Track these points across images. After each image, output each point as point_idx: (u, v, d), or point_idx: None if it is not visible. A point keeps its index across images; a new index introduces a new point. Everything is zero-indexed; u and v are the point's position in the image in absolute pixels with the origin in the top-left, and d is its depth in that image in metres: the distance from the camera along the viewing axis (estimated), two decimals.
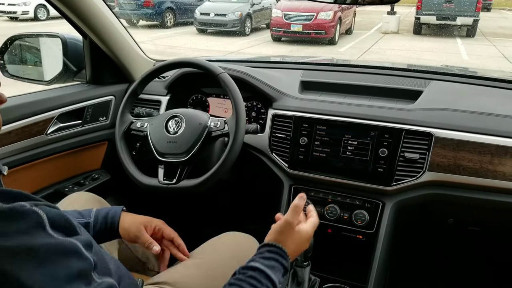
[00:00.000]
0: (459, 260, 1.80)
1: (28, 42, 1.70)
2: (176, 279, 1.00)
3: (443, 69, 1.84)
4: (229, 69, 1.43)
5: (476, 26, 11.16)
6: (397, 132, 1.27)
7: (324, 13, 9.73)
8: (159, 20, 12.11)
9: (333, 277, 1.40)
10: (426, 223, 1.56)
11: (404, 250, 1.71)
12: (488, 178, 1.21)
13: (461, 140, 1.22)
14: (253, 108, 1.59)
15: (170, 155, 1.26)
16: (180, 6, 12.63)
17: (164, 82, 1.64)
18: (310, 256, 1.09)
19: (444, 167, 1.24)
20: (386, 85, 1.48)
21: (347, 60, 4.18)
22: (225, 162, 1.22)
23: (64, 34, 1.56)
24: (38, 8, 12.34)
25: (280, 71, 1.64)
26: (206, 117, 1.30)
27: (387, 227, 1.28)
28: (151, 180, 1.28)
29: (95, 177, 1.58)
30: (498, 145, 1.20)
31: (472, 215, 1.39)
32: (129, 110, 1.39)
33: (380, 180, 1.29)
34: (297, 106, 1.42)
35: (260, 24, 12.17)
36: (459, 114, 1.28)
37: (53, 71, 1.58)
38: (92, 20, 1.41)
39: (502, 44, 10.23)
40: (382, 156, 1.28)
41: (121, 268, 0.84)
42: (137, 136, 1.35)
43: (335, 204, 1.35)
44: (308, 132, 1.37)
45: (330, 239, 1.38)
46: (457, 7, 10.99)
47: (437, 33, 11.77)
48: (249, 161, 1.46)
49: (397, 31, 11.89)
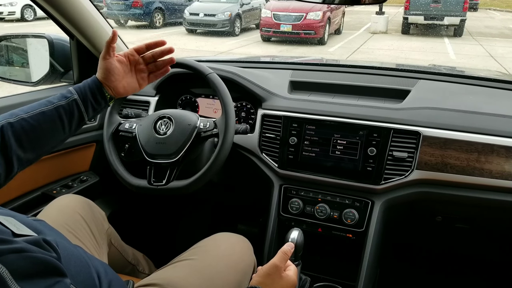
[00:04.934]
0: (448, 257, 1.82)
1: (14, 43, 1.68)
2: (167, 280, 0.99)
3: (430, 68, 1.86)
4: (218, 69, 1.43)
5: (463, 25, 11.31)
6: (386, 131, 1.28)
7: (313, 13, 9.77)
8: (148, 20, 12.04)
9: (324, 276, 1.41)
10: (414, 221, 1.58)
11: (394, 248, 1.72)
12: (475, 176, 1.22)
13: (448, 139, 1.24)
14: (242, 108, 1.59)
15: (159, 156, 1.25)
16: (169, 6, 12.57)
17: (153, 82, 1.63)
18: (300, 255, 1.09)
19: (432, 166, 1.25)
20: (374, 85, 1.49)
21: (336, 60, 4.20)
22: (214, 162, 1.22)
23: (51, 35, 1.54)
24: (24, 9, 12.19)
25: (269, 71, 1.64)
26: (195, 117, 1.30)
27: (376, 226, 1.29)
28: (140, 182, 1.27)
29: (84, 179, 1.56)
30: (484, 143, 1.21)
31: (460, 213, 1.41)
32: (117, 111, 1.38)
33: (369, 179, 1.30)
34: (287, 106, 1.42)
35: (250, 24, 12.17)
36: (446, 113, 1.30)
37: (40, 72, 1.57)
38: (79, 21, 1.39)
39: (488, 43, 10.38)
40: (371, 155, 1.29)
41: (109, 273, 0.83)
42: (125, 137, 1.34)
43: (325, 204, 1.35)
44: (297, 132, 1.37)
45: (320, 238, 1.38)
46: (444, 7, 11.12)
47: (425, 32, 11.89)
48: (239, 162, 1.46)
49: (385, 31, 11.99)
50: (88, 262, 0.77)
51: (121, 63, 1.05)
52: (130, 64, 1.07)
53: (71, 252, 0.73)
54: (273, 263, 0.89)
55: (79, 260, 0.74)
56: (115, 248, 1.27)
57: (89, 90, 1.01)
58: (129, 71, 1.07)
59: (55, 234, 0.78)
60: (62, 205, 1.15)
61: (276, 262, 0.89)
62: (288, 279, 0.90)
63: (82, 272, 0.72)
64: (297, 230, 1.09)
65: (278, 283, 0.88)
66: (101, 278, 0.78)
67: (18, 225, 0.61)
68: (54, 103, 0.95)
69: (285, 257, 0.92)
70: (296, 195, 1.39)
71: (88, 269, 0.75)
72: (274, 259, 0.90)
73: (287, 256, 0.92)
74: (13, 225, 0.59)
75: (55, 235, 0.73)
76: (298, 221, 1.38)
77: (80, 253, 0.78)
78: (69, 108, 0.96)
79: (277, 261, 0.90)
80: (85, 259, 0.77)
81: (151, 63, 1.10)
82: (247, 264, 1.13)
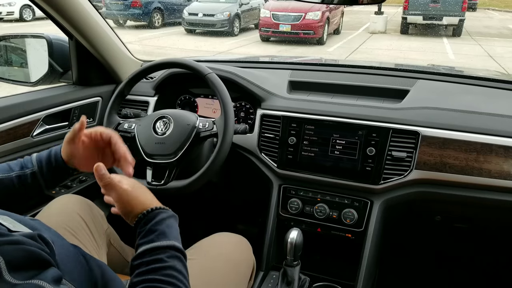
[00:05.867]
0: (447, 257, 1.82)
1: (13, 43, 1.68)
2: None
3: (429, 68, 1.86)
4: (217, 69, 1.43)
5: (462, 25, 11.31)
6: (384, 131, 1.28)
7: (312, 13, 9.76)
8: (147, 20, 12.02)
9: (323, 276, 1.41)
10: (413, 220, 1.58)
11: (393, 248, 1.72)
12: (474, 176, 1.22)
13: (447, 138, 1.24)
14: (241, 108, 1.59)
15: (158, 156, 1.25)
16: (168, 6, 12.55)
17: (152, 82, 1.63)
18: (300, 255, 1.09)
19: (431, 165, 1.25)
20: (373, 85, 1.49)
21: (335, 60, 4.21)
22: (214, 162, 1.22)
23: (49, 35, 1.54)
24: (23, 9, 12.16)
25: (268, 71, 1.64)
26: (194, 117, 1.30)
27: (375, 225, 1.29)
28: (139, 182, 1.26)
29: (83, 179, 1.56)
30: (483, 143, 1.21)
31: (459, 212, 1.41)
32: (116, 111, 1.38)
33: (368, 179, 1.30)
34: (286, 106, 1.42)
35: (249, 24, 12.16)
36: (445, 113, 1.30)
37: (38, 72, 1.56)
38: (78, 21, 1.39)
39: (487, 43, 10.38)
40: (370, 155, 1.29)
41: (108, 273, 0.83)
42: (124, 138, 1.33)
43: (324, 203, 1.35)
44: (296, 132, 1.37)
45: (320, 238, 1.39)
46: (443, 7, 11.12)
47: (424, 32, 11.89)
48: (238, 162, 1.46)
49: (384, 31, 11.99)
50: (86, 262, 0.77)
51: (86, 149, 0.97)
52: (97, 146, 0.98)
53: (68, 252, 0.73)
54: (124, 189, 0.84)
55: (76, 260, 0.74)
56: (114, 248, 1.26)
57: (52, 164, 0.96)
58: (96, 155, 0.98)
59: (52, 233, 0.78)
60: (61, 205, 1.15)
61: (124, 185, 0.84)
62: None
63: (79, 271, 0.72)
64: (296, 230, 1.09)
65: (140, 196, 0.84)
66: (100, 278, 0.78)
67: (13, 223, 0.62)
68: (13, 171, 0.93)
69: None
70: (295, 195, 1.39)
71: (86, 269, 0.75)
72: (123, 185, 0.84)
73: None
74: (8, 223, 0.60)
75: (51, 234, 0.73)
76: (297, 221, 1.39)
77: (78, 252, 0.78)
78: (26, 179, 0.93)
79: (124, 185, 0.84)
80: (83, 258, 0.77)
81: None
82: (246, 264, 1.13)
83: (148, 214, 0.80)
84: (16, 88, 1.55)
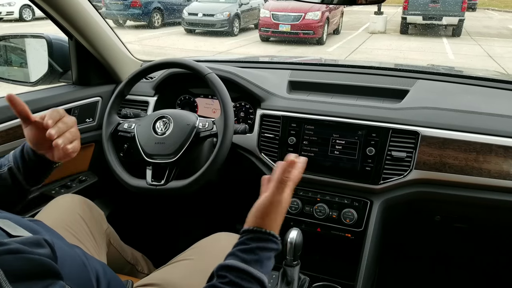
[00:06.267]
0: (447, 257, 1.82)
1: (13, 43, 1.67)
2: (166, 280, 1.00)
3: (429, 68, 1.86)
4: (217, 69, 1.43)
5: (462, 25, 11.31)
6: (384, 131, 1.29)
7: (312, 13, 9.76)
8: (147, 20, 12.01)
9: (323, 275, 1.41)
10: (413, 220, 1.58)
11: (393, 248, 1.72)
12: (473, 176, 1.23)
13: (446, 138, 1.24)
14: (241, 108, 1.59)
15: (158, 156, 1.25)
16: (168, 6, 12.55)
17: (152, 82, 1.63)
18: (299, 255, 1.09)
19: (431, 165, 1.25)
20: (373, 85, 1.49)
21: (335, 60, 4.20)
22: (213, 162, 1.22)
23: (49, 35, 1.54)
24: (23, 9, 12.16)
25: (268, 71, 1.64)
26: (194, 117, 1.30)
27: (375, 225, 1.29)
28: (139, 182, 1.27)
29: (83, 179, 1.56)
30: (483, 143, 1.21)
31: (459, 212, 1.41)
32: (116, 111, 1.38)
33: (368, 179, 1.30)
34: (285, 106, 1.42)
35: (249, 24, 12.16)
36: (445, 113, 1.30)
37: (38, 72, 1.56)
38: (78, 21, 1.39)
39: (487, 43, 10.38)
40: (369, 155, 1.29)
41: (108, 273, 0.83)
42: (124, 138, 1.34)
43: (323, 203, 1.35)
44: (296, 132, 1.38)
45: (319, 238, 1.38)
46: (442, 7, 11.12)
47: (424, 32, 11.90)
48: (238, 162, 1.46)
49: (384, 31, 11.99)
50: (86, 262, 0.77)
51: (41, 131, 0.88)
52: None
53: (67, 253, 0.73)
54: (270, 199, 0.78)
55: (75, 261, 0.74)
56: (114, 248, 1.27)
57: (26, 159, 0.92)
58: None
59: (52, 234, 0.78)
60: (61, 205, 1.15)
61: (273, 195, 0.77)
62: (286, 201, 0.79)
63: (78, 273, 0.72)
64: (296, 230, 1.09)
65: (280, 215, 0.78)
66: (100, 278, 0.78)
67: (13, 226, 0.61)
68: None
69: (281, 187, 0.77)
70: (295, 195, 1.39)
71: (85, 270, 0.75)
72: (270, 193, 0.78)
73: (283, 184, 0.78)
74: (8, 226, 0.59)
75: (52, 235, 0.73)
76: (297, 221, 1.39)
77: (77, 253, 0.78)
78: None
79: (274, 195, 0.77)
80: (82, 259, 0.77)
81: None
82: None
83: (266, 235, 0.77)
84: (16, 88, 1.55)
